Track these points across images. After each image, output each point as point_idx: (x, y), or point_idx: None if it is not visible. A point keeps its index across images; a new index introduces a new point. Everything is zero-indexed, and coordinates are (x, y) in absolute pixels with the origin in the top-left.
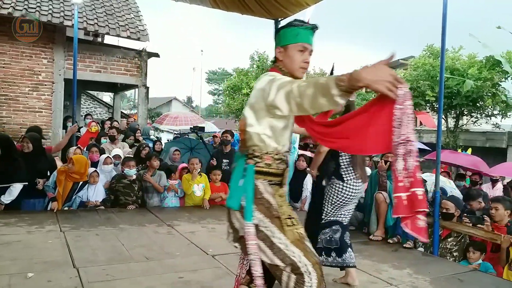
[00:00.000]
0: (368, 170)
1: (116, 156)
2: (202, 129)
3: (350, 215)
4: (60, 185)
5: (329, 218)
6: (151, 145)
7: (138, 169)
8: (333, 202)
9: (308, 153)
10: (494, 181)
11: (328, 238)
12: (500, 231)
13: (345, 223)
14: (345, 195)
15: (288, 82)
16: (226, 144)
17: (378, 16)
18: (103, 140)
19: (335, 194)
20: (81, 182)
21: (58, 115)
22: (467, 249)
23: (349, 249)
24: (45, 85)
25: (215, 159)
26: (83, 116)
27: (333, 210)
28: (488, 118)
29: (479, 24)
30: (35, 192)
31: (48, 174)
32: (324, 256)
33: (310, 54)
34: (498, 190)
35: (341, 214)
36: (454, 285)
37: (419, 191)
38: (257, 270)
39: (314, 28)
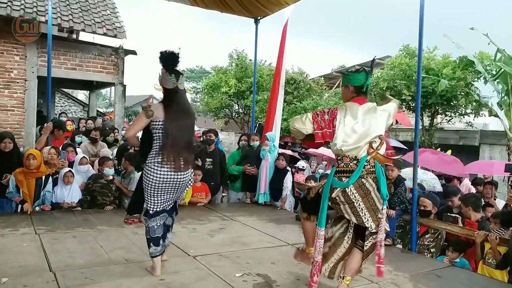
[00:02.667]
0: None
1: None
2: None
3: (173, 203)
4: (22, 185)
5: (155, 209)
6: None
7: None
8: (146, 189)
9: (289, 152)
10: (458, 178)
11: (156, 226)
12: (472, 227)
13: (169, 209)
14: (153, 181)
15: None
16: (209, 144)
17: (355, 15)
18: (77, 138)
19: (144, 179)
20: (44, 177)
21: (31, 113)
22: (446, 246)
23: (169, 233)
24: (18, 82)
25: (199, 160)
26: (58, 115)
27: (152, 199)
28: (462, 117)
29: (453, 25)
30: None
31: None
32: (153, 247)
33: None
34: (464, 187)
35: (164, 202)
36: (433, 281)
37: None
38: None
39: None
